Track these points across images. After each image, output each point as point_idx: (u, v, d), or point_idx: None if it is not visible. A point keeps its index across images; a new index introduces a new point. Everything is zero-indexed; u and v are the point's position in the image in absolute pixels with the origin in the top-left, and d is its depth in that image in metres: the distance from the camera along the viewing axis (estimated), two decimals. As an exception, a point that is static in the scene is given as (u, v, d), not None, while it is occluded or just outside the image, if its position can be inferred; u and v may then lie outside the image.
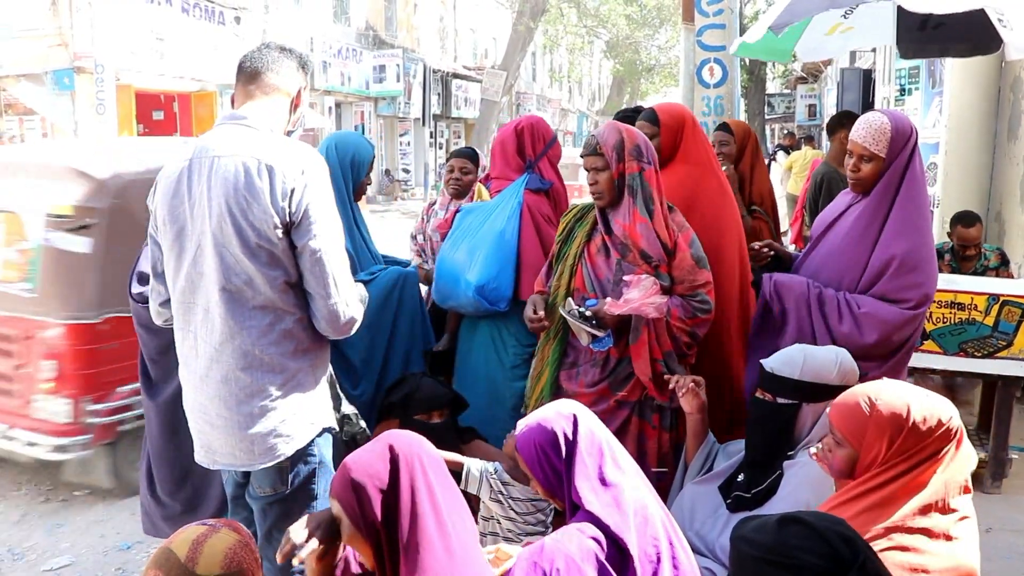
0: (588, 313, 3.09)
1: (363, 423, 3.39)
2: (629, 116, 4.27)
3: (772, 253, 3.56)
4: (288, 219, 2.31)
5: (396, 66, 26.61)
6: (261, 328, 2.35)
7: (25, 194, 4.59)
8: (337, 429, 2.66)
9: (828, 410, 2.60)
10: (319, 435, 2.51)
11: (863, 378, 2.66)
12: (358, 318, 2.49)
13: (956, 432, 2.01)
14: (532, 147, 3.84)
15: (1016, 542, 4.04)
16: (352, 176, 3.59)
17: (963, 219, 5.41)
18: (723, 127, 4.83)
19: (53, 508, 4.64)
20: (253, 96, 2.48)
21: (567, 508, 2.27)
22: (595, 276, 3.23)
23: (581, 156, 3.25)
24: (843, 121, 6.21)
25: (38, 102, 16.12)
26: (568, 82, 48.66)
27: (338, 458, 2.72)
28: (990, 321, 4.43)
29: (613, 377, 3.20)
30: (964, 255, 5.38)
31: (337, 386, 3.17)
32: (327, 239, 2.36)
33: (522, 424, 2.35)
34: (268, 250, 2.32)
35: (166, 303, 2.55)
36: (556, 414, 2.29)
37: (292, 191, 2.30)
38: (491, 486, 2.89)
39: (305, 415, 2.45)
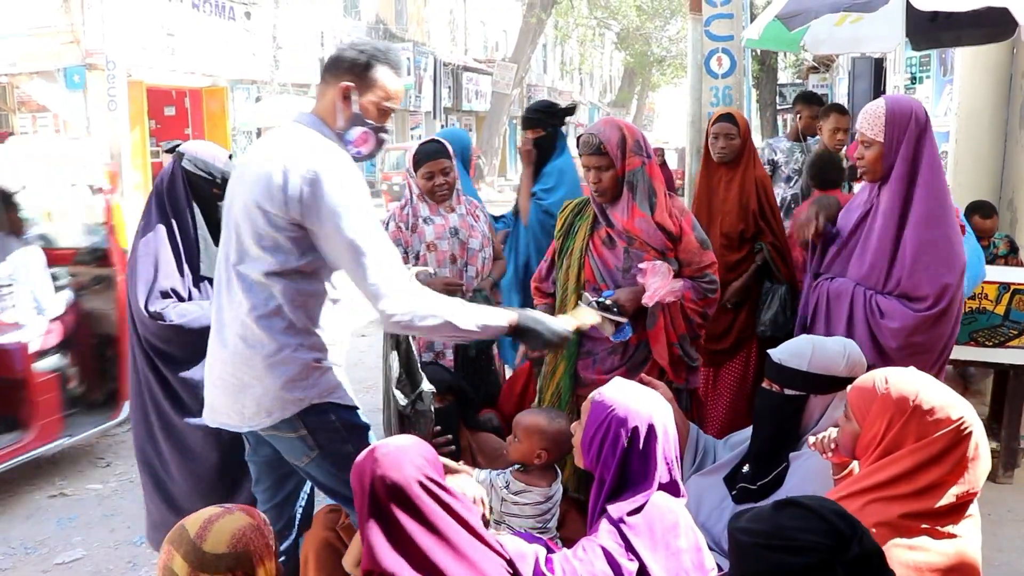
0: (608, 302, 3.10)
1: (432, 406, 3.17)
2: (542, 114, 4.70)
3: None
4: (300, 219, 2.38)
5: (407, 59, 26.51)
6: (256, 302, 2.46)
7: None
8: (346, 405, 2.64)
9: (835, 401, 2.62)
10: (327, 409, 2.55)
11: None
12: (403, 318, 2.42)
13: (968, 433, 1.94)
14: None
15: (1027, 533, 4.02)
16: (462, 160, 4.46)
17: (980, 209, 5.34)
18: (727, 117, 4.23)
19: (65, 503, 4.67)
20: (319, 92, 2.60)
21: (595, 485, 2.30)
22: (604, 267, 3.27)
23: (581, 154, 3.22)
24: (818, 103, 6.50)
25: (50, 99, 16.22)
26: (579, 74, 48.57)
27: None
28: (1001, 310, 4.40)
29: (631, 362, 3.25)
30: (976, 245, 5.34)
31: (418, 364, 3.12)
32: (346, 239, 2.36)
33: (610, 388, 2.35)
34: (273, 238, 2.41)
35: None
36: (648, 412, 2.26)
37: (302, 192, 2.34)
38: (498, 495, 2.82)
39: (290, 390, 2.49)
